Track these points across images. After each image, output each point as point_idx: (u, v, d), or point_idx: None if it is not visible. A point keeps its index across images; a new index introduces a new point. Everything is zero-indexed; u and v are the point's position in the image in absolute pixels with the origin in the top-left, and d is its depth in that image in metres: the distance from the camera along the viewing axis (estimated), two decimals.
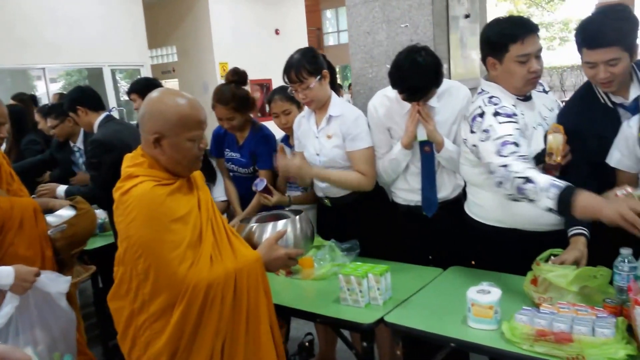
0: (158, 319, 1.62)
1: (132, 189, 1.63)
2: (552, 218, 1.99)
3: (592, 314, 1.62)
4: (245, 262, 1.70)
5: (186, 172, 1.74)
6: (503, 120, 1.98)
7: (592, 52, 1.92)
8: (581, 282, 1.78)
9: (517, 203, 1.98)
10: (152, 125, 1.67)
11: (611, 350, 1.48)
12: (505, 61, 2.03)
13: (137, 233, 1.59)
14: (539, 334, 1.57)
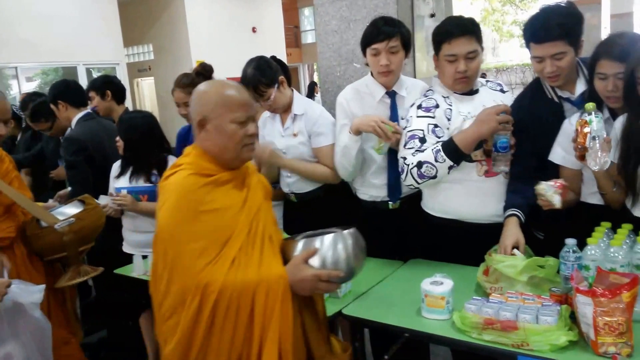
0: (171, 316, 1.55)
1: (171, 177, 1.62)
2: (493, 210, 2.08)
3: (538, 302, 1.68)
4: (267, 278, 1.54)
5: (235, 159, 1.67)
6: (421, 114, 2.14)
7: (538, 46, 2.01)
8: (530, 272, 1.84)
9: (460, 195, 2.13)
10: (196, 109, 1.66)
11: (553, 337, 1.54)
12: (440, 59, 2.15)
13: (165, 219, 1.56)
14: (486, 323, 1.63)
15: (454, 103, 2.18)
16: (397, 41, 2.30)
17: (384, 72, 2.32)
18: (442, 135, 2.13)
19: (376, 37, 2.29)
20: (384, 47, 2.28)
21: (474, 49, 2.11)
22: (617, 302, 1.47)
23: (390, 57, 2.30)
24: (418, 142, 2.11)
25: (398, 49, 2.31)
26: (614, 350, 1.48)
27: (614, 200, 1.91)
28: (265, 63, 2.60)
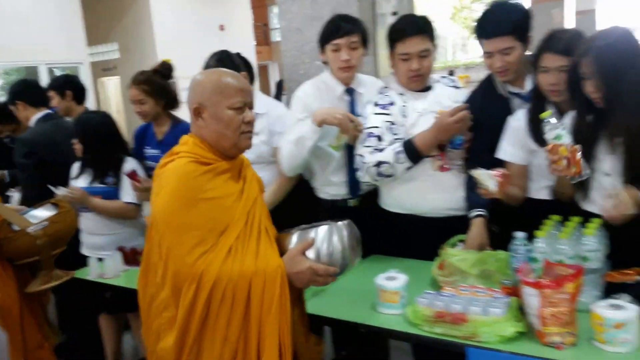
0: (166, 308, 1.54)
1: (169, 164, 1.60)
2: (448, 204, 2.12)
3: (489, 295, 1.72)
4: (264, 268, 1.53)
5: (233, 148, 1.64)
6: (378, 111, 2.18)
7: (488, 41, 2.06)
8: (482, 265, 1.88)
9: (415, 190, 2.17)
10: (192, 97, 1.65)
11: (501, 328, 1.57)
12: (394, 57, 2.18)
13: (161, 206, 1.53)
14: (437, 316, 1.66)
15: (409, 100, 2.21)
16: (357, 37, 2.32)
17: (345, 67, 2.33)
18: (398, 132, 2.16)
19: (337, 32, 2.31)
20: (345, 42, 2.30)
21: (427, 47, 2.14)
22: (562, 293, 1.51)
23: (351, 52, 2.32)
24: (375, 141, 2.16)
25: (358, 45, 2.33)
26: (559, 340, 1.52)
27: (565, 196, 1.95)
28: (227, 57, 2.60)
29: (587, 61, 1.72)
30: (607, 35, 1.74)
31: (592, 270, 1.73)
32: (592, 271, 1.73)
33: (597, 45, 1.71)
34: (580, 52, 1.75)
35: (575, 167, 1.71)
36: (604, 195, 1.72)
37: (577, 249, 1.74)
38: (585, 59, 1.72)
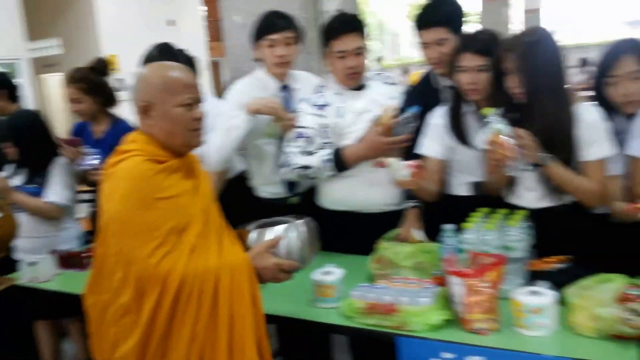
0: (125, 314, 1.47)
1: (121, 162, 1.53)
2: (384, 199, 2.18)
3: (420, 285, 1.78)
4: (230, 262, 1.52)
5: (184, 145, 1.61)
6: (312, 111, 2.21)
7: (423, 32, 2.16)
8: (415, 258, 1.95)
9: (352, 187, 2.22)
10: (138, 94, 1.58)
11: (429, 317, 1.64)
12: (330, 55, 2.20)
13: (116, 207, 1.47)
14: (369, 308, 1.71)
15: (346, 100, 2.25)
16: (292, 33, 2.36)
17: (281, 63, 2.36)
18: (329, 136, 2.21)
19: (272, 28, 2.33)
20: (281, 38, 2.33)
21: (362, 45, 2.19)
22: (484, 281, 1.59)
23: (287, 48, 2.35)
24: (305, 142, 2.20)
25: (293, 41, 2.37)
26: (482, 326, 1.60)
27: (493, 190, 2.04)
28: (168, 50, 2.59)
29: (512, 56, 1.80)
30: (532, 33, 1.83)
31: (516, 259, 1.81)
32: (516, 260, 1.82)
33: (521, 41, 1.79)
34: (506, 47, 1.83)
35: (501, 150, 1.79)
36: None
37: (502, 239, 1.82)
38: (511, 54, 1.80)
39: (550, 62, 1.79)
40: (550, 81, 1.79)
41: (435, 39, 2.13)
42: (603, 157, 1.85)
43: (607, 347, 1.48)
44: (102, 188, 1.56)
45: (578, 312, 1.56)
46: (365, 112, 2.22)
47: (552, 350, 1.50)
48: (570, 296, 1.60)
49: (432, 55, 2.17)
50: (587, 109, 1.87)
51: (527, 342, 1.55)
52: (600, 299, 1.53)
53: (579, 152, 1.84)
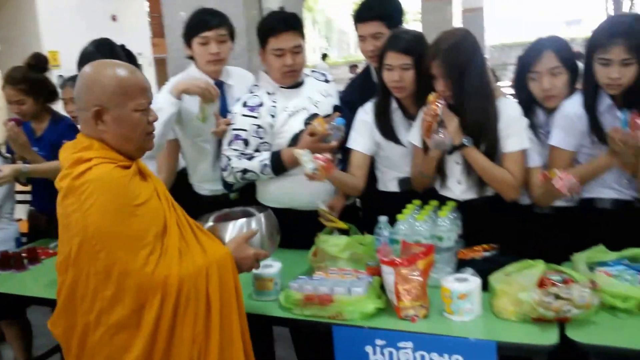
0: (120, 331, 1.39)
1: (87, 172, 1.41)
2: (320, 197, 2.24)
3: (355, 276, 1.84)
4: (215, 258, 1.51)
5: (138, 150, 1.55)
6: (246, 112, 2.23)
7: (360, 25, 2.26)
8: (350, 249, 2.00)
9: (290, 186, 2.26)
10: (90, 97, 1.46)
11: (363, 306, 1.70)
12: (267, 53, 2.23)
13: (97, 222, 1.36)
14: (306, 299, 1.76)
15: (280, 100, 2.27)
16: (225, 30, 2.37)
17: (214, 60, 2.37)
18: (264, 136, 2.24)
19: (205, 25, 2.34)
20: (214, 35, 2.34)
21: (299, 43, 2.23)
22: (414, 270, 1.66)
23: (220, 45, 2.36)
24: (242, 145, 2.22)
25: (226, 37, 2.39)
26: (413, 313, 1.67)
27: (420, 186, 2.12)
28: (107, 46, 2.58)
29: (436, 63, 1.89)
30: (451, 36, 1.92)
31: (446, 248, 1.90)
32: (446, 249, 1.90)
33: (443, 48, 1.88)
34: (430, 55, 1.91)
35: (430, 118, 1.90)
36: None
37: (432, 230, 1.90)
38: (435, 61, 1.89)
39: (471, 62, 1.89)
40: (473, 81, 1.89)
41: (371, 32, 2.23)
42: (520, 149, 1.97)
43: (529, 329, 1.57)
44: (65, 204, 1.43)
45: (501, 297, 1.65)
46: (299, 111, 2.26)
47: (476, 333, 1.58)
48: (495, 282, 1.69)
49: (369, 48, 2.25)
50: (507, 103, 1.98)
51: (453, 326, 1.63)
52: (521, 284, 1.62)
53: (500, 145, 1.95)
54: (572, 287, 1.60)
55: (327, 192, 2.30)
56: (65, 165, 1.47)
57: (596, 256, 1.81)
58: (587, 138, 1.92)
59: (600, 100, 1.89)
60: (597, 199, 1.97)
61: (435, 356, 1.59)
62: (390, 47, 2.05)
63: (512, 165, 1.95)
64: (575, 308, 1.54)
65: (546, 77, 1.95)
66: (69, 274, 1.43)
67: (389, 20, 2.24)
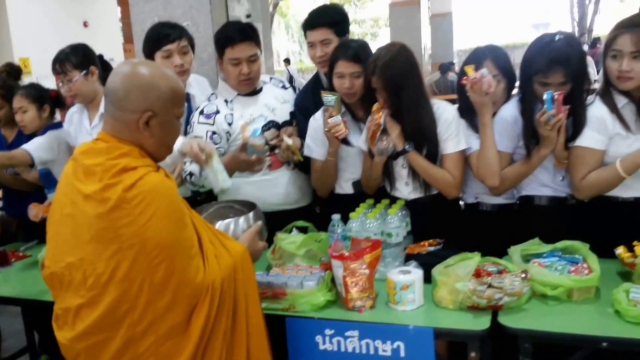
0: (168, 340, 1.39)
1: (139, 183, 1.36)
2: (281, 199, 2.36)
3: (308, 271, 1.95)
4: (237, 255, 1.55)
5: (165, 156, 1.55)
6: (202, 120, 2.32)
7: (310, 32, 2.39)
8: (306, 246, 2.11)
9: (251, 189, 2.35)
10: (143, 101, 1.42)
11: (314, 298, 1.81)
12: (224, 62, 2.33)
13: (159, 234, 1.34)
14: (262, 292, 1.86)
15: (237, 108, 2.36)
16: (186, 41, 2.47)
17: (180, 72, 2.45)
18: (219, 141, 2.32)
19: (167, 39, 2.43)
20: (176, 47, 2.43)
21: (255, 52, 2.33)
22: (360, 263, 1.77)
23: (183, 57, 2.46)
24: None
25: (187, 49, 2.49)
26: (360, 304, 1.79)
27: (370, 188, 2.25)
28: (82, 48, 2.65)
29: (375, 78, 2.02)
30: (386, 52, 2.06)
31: (395, 244, 2.03)
32: (395, 245, 2.04)
33: (380, 64, 2.01)
34: (369, 70, 2.05)
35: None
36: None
37: (382, 227, 2.03)
38: (373, 76, 2.02)
39: (407, 76, 2.03)
40: (410, 93, 2.03)
41: (320, 39, 2.36)
42: (458, 151, 2.11)
43: (464, 316, 1.71)
44: (117, 216, 1.35)
45: (441, 287, 1.78)
46: (256, 118, 2.36)
47: (417, 321, 1.71)
48: (436, 274, 1.82)
49: (318, 54, 2.38)
50: (444, 108, 2.12)
51: (397, 315, 1.76)
52: (458, 275, 1.75)
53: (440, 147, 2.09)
54: (505, 276, 1.74)
55: (289, 195, 2.41)
56: (100, 171, 1.40)
57: (531, 248, 1.95)
58: (522, 141, 2.06)
59: (536, 106, 2.04)
60: (535, 196, 2.12)
61: (379, 343, 1.71)
62: (341, 56, 2.17)
63: (451, 166, 2.09)
64: (506, 296, 1.68)
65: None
66: (111, 289, 1.36)
67: (336, 27, 2.37)
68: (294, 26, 34.59)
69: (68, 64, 2.55)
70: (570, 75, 1.92)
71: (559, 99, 1.89)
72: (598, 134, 1.91)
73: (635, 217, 1.97)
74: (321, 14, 2.41)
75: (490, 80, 1.96)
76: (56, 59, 2.58)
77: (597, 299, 1.74)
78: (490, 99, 2.00)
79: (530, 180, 2.11)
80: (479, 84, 1.95)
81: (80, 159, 1.46)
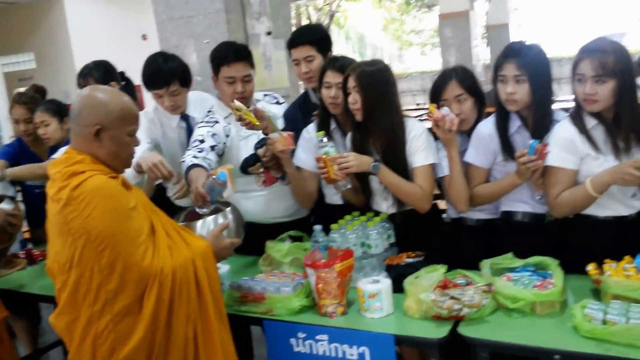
0: (124, 318, 1.60)
1: (84, 183, 1.61)
2: (276, 212, 2.51)
3: (290, 278, 2.09)
4: (198, 250, 1.73)
5: (122, 167, 1.79)
6: (202, 124, 2.45)
7: (294, 50, 2.53)
8: (292, 255, 2.25)
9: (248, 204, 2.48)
10: (93, 117, 1.69)
11: (289, 303, 1.95)
12: (219, 81, 2.48)
13: (100, 224, 1.58)
14: (243, 297, 2.02)
15: (234, 124, 2.47)
16: (177, 85, 2.58)
17: (171, 109, 2.63)
18: (219, 142, 2.42)
19: (153, 82, 2.56)
20: (165, 92, 2.56)
21: (249, 72, 2.47)
22: (331, 272, 1.89)
23: (174, 98, 2.59)
24: (198, 144, 2.37)
25: (179, 90, 2.60)
26: (331, 310, 1.91)
27: (356, 202, 2.35)
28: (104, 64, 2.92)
29: (352, 77, 2.13)
30: (371, 62, 2.17)
31: (375, 255, 2.14)
32: (375, 256, 2.14)
33: (363, 66, 2.14)
34: (350, 69, 2.16)
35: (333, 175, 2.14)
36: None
37: (362, 238, 2.14)
38: (352, 74, 2.13)
39: (383, 82, 2.14)
40: (384, 108, 2.13)
41: (303, 55, 2.49)
42: (426, 164, 2.17)
43: (426, 325, 1.80)
44: (65, 212, 1.61)
45: (409, 297, 1.87)
46: (250, 136, 2.49)
47: (381, 328, 1.81)
48: (406, 284, 1.91)
49: (303, 70, 2.52)
50: (414, 123, 2.21)
51: (364, 322, 1.87)
52: (423, 286, 1.84)
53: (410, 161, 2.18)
54: (467, 289, 1.82)
55: (287, 209, 2.55)
56: (58, 178, 1.67)
57: (504, 262, 2.00)
58: (500, 156, 2.12)
59: (511, 122, 2.10)
60: (514, 212, 2.17)
61: (347, 347, 1.83)
62: (329, 66, 2.31)
63: (421, 179, 2.16)
64: (465, 307, 1.76)
65: (453, 104, 2.17)
66: (72, 274, 1.62)
67: (317, 44, 2.50)
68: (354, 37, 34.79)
69: (91, 79, 2.78)
70: (524, 69, 1.99)
71: (543, 151, 1.94)
72: (567, 154, 1.95)
73: (612, 236, 1.99)
74: (304, 33, 2.57)
75: (452, 118, 2.04)
76: (80, 74, 2.84)
77: (561, 314, 1.79)
78: (453, 135, 2.07)
79: (510, 196, 2.16)
80: (442, 122, 2.03)
81: (49, 169, 1.75)
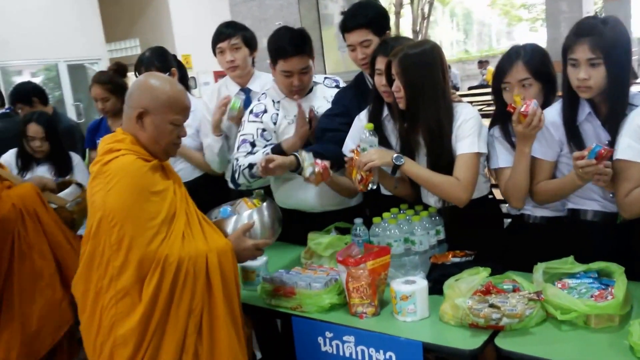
0: (124, 297, 1.62)
1: (114, 160, 1.68)
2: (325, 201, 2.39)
3: (326, 272, 1.98)
4: (215, 246, 1.72)
5: (163, 154, 1.80)
6: (252, 119, 2.42)
7: (348, 35, 2.34)
8: (332, 248, 2.14)
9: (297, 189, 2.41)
10: (139, 100, 1.74)
11: (319, 300, 1.85)
12: (277, 70, 2.40)
13: (116, 201, 1.62)
14: (275, 290, 1.95)
15: (282, 108, 2.42)
16: (238, 39, 2.66)
17: (230, 67, 2.68)
18: (270, 138, 2.40)
19: (218, 37, 2.67)
20: (227, 45, 2.65)
21: (307, 65, 2.37)
22: (362, 269, 1.77)
23: (234, 53, 2.66)
24: (249, 146, 2.38)
25: (240, 45, 2.67)
26: (362, 310, 1.79)
27: (404, 195, 2.17)
28: (162, 51, 3.02)
29: (395, 62, 1.95)
30: (418, 43, 1.97)
31: (419, 252, 1.98)
32: (419, 253, 1.98)
33: (407, 50, 1.94)
34: (393, 53, 1.97)
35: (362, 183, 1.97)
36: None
37: (406, 233, 1.99)
38: (395, 59, 1.95)
39: (428, 75, 1.93)
40: (428, 92, 1.93)
41: (359, 40, 2.30)
42: (470, 152, 1.93)
43: (460, 333, 1.63)
44: (93, 185, 1.71)
45: (446, 301, 1.71)
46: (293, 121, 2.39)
47: (411, 334, 1.66)
48: (445, 287, 1.75)
49: (359, 57, 2.33)
50: (464, 107, 1.99)
51: (395, 326, 1.72)
52: (461, 290, 1.67)
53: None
54: (512, 296, 1.62)
55: (333, 196, 2.44)
56: (99, 152, 1.75)
57: (561, 267, 1.77)
58: (566, 147, 1.87)
59: (579, 108, 1.83)
60: (581, 210, 1.91)
61: (373, 351, 1.70)
62: (380, 52, 2.13)
63: (460, 168, 1.93)
64: (505, 317, 1.56)
65: (516, 88, 1.93)
66: (89, 245, 1.68)
67: (374, 26, 2.29)
68: (460, 14, 33.34)
69: (153, 68, 2.83)
70: (599, 51, 1.71)
71: (605, 156, 1.66)
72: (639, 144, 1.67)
73: None
74: (357, 15, 2.33)
75: (540, 115, 1.78)
76: (141, 63, 2.89)
77: (620, 329, 1.55)
78: (536, 132, 1.82)
79: (578, 193, 1.90)
80: (530, 117, 1.77)
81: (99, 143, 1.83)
